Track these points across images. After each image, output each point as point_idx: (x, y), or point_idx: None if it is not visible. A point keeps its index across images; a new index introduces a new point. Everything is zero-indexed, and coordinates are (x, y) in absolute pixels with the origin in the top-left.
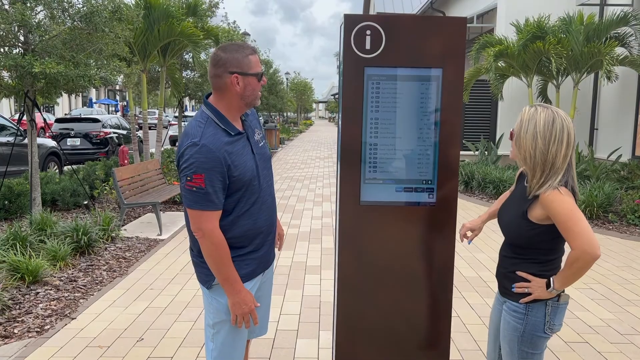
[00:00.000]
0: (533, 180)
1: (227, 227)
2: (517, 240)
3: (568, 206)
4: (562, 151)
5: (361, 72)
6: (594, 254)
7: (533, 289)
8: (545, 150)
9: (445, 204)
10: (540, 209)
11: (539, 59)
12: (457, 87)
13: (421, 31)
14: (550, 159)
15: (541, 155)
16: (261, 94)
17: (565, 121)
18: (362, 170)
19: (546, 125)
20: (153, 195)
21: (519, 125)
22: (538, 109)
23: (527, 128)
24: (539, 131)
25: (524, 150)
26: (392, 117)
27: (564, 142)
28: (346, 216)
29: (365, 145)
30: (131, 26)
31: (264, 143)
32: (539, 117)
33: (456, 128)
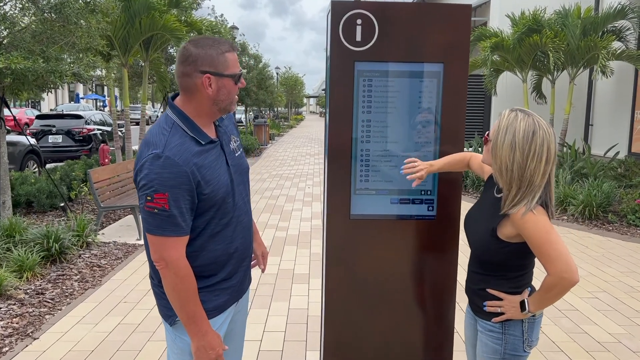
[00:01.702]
0: (508, 196)
1: (195, 254)
2: (486, 257)
3: (543, 228)
4: (540, 168)
5: (351, 67)
6: (572, 279)
7: (506, 309)
8: (524, 165)
9: (447, 218)
10: (511, 227)
11: (534, 53)
12: (460, 84)
13: (419, 21)
14: (528, 175)
15: (518, 170)
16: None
17: (547, 134)
18: (353, 180)
19: (526, 136)
20: (133, 197)
21: (496, 131)
22: (519, 116)
23: (504, 136)
24: (518, 142)
25: (499, 160)
26: (387, 118)
27: (543, 158)
28: (334, 232)
29: (356, 151)
30: (107, 18)
31: (241, 152)
32: (519, 125)
33: (459, 131)
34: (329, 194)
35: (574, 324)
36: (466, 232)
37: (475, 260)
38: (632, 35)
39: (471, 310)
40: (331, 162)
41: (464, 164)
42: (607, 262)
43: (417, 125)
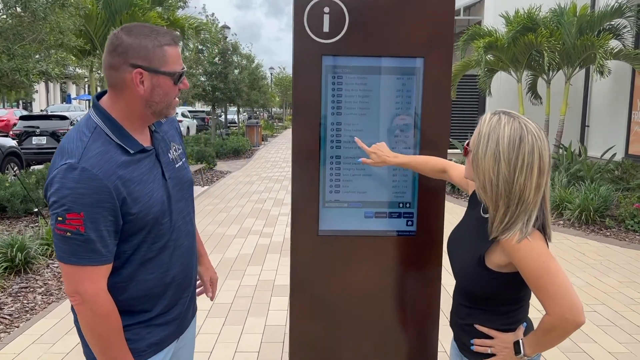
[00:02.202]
0: (495, 217)
1: (122, 285)
2: (473, 289)
3: (541, 257)
4: (532, 180)
5: (318, 62)
6: (577, 320)
7: (497, 349)
8: (511, 179)
9: (429, 234)
10: (502, 255)
11: (529, 53)
12: (443, 82)
13: (396, 10)
14: (517, 190)
15: (505, 185)
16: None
17: (537, 139)
18: (321, 191)
19: (512, 143)
20: None
21: (476, 139)
22: (502, 119)
23: (486, 145)
24: (502, 152)
25: (482, 175)
26: (360, 121)
27: (534, 169)
28: (300, 250)
29: (325, 158)
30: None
31: (183, 162)
32: (503, 131)
33: (442, 135)
34: (294, 207)
35: (572, 342)
36: (450, 257)
37: (460, 291)
38: (629, 34)
39: (457, 346)
40: (296, 170)
41: (435, 169)
42: (606, 270)
43: (395, 130)
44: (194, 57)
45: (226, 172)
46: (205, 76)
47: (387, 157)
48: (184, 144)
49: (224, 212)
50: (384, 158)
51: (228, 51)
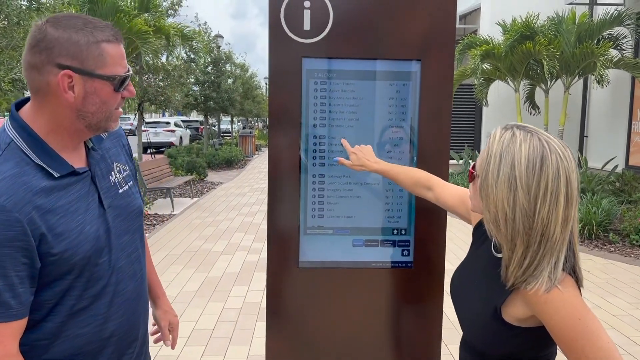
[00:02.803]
0: (512, 259)
1: (44, 344)
2: (486, 347)
3: (577, 312)
4: (558, 212)
5: (297, 65)
6: None
7: None
8: (531, 212)
9: (429, 266)
10: (524, 307)
11: (527, 61)
12: (442, 89)
13: (389, 5)
14: (540, 225)
15: (524, 219)
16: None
17: (563, 159)
18: (302, 216)
19: (531, 166)
20: None
21: (485, 161)
22: (517, 135)
23: (498, 168)
24: (519, 177)
25: (494, 206)
26: (347, 133)
27: (560, 196)
28: (278, 285)
29: (306, 177)
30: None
31: (130, 187)
32: (519, 150)
33: (442, 151)
34: (270, 234)
35: None
36: (455, 306)
37: (470, 349)
38: (628, 43)
39: None
40: (273, 191)
41: (418, 184)
42: (613, 290)
43: (386, 144)
44: (184, 66)
45: (217, 183)
46: (198, 85)
47: (367, 161)
48: (134, 163)
49: (211, 226)
50: (364, 161)
51: (221, 60)
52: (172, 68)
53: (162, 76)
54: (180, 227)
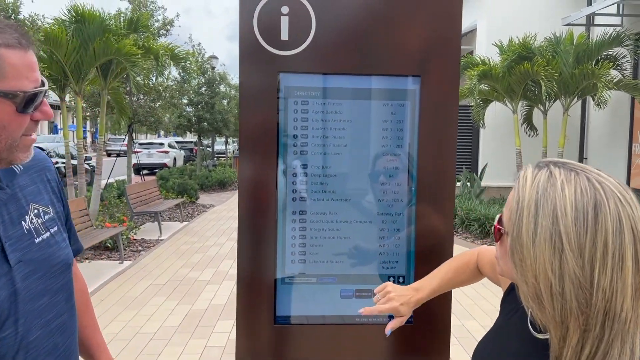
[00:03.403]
0: (566, 348)
1: None
2: None
3: None
4: (626, 280)
5: (273, 81)
6: None
7: None
8: (587, 282)
9: (431, 321)
10: None
11: (525, 82)
12: (446, 109)
13: (382, 11)
14: (602, 301)
15: (578, 293)
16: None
17: (625, 204)
18: (279, 260)
19: (581, 216)
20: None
21: (514, 212)
22: (557, 175)
23: (535, 223)
24: (566, 233)
25: (533, 275)
26: (333, 162)
27: (627, 257)
28: (250, 345)
29: (284, 214)
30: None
31: (54, 234)
32: (562, 196)
33: (447, 184)
34: (240, 283)
35: None
36: None
37: None
38: (628, 63)
39: None
40: (243, 233)
41: (471, 272)
42: None
43: (380, 175)
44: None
45: (209, 205)
46: (191, 106)
47: (411, 299)
48: (64, 202)
49: (200, 252)
50: (409, 300)
51: (215, 81)
52: (163, 89)
53: (153, 97)
54: (167, 254)
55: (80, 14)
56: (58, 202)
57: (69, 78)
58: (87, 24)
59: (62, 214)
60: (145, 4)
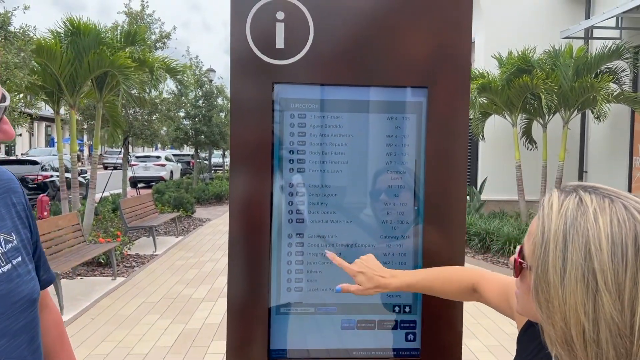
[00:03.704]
0: None
1: None
2: None
3: None
4: None
5: (267, 93)
6: None
7: None
8: (627, 328)
9: (441, 354)
10: None
11: (524, 95)
12: (456, 123)
13: (387, 18)
14: None
15: (616, 341)
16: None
17: None
18: (274, 289)
19: (619, 251)
20: (57, 262)
21: (538, 244)
22: (587, 201)
23: (563, 257)
24: (601, 271)
25: (561, 318)
26: (333, 181)
27: None
28: None
29: (279, 237)
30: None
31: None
32: (595, 226)
33: (458, 206)
34: (230, 313)
35: None
36: None
37: None
38: (627, 77)
39: None
40: (235, 258)
41: (462, 289)
42: None
43: (381, 194)
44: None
45: (205, 219)
46: (188, 119)
47: (381, 279)
48: (32, 227)
49: (195, 268)
50: (377, 280)
51: (213, 94)
52: (159, 101)
53: (149, 110)
54: (162, 270)
55: (75, 27)
56: (24, 229)
57: (63, 91)
58: (83, 37)
59: (28, 241)
60: (143, 17)
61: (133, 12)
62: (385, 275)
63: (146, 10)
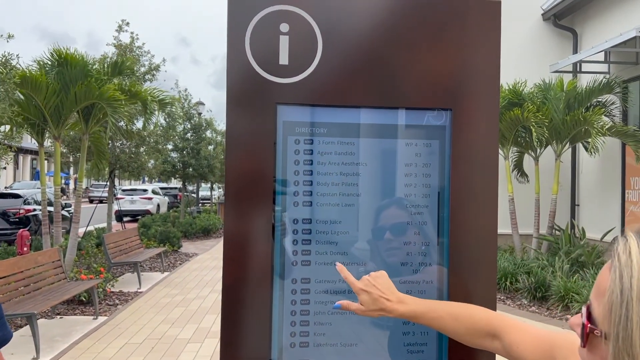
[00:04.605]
0: None
1: None
2: None
3: None
4: None
5: (269, 115)
6: None
7: None
8: None
9: None
10: None
11: (516, 128)
12: (486, 149)
13: (405, 30)
14: None
15: None
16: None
17: None
18: (275, 343)
19: None
20: (35, 301)
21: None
22: None
23: None
24: None
25: None
26: (343, 216)
27: None
28: None
29: (283, 283)
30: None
31: None
32: None
33: (489, 242)
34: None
35: None
36: None
37: None
38: (617, 109)
39: None
40: (229, 307)
41: (478, 331)
42: None
43: (402, 233)
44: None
45: (192, 254)
46: (176, 152)
47: (386, 302)
48: None
49: (181, 306)
50: (382, 303)
51: (201, 127)
52: (147, 134)
53: (136, 142)
54: (146, 308)
55: (63, 57)
56: None
57: (48, 122)
58: (70, 68)
59: None
60: (132, 49)
61: (122, 45)
62: (391, 299)
63: (135, 43)
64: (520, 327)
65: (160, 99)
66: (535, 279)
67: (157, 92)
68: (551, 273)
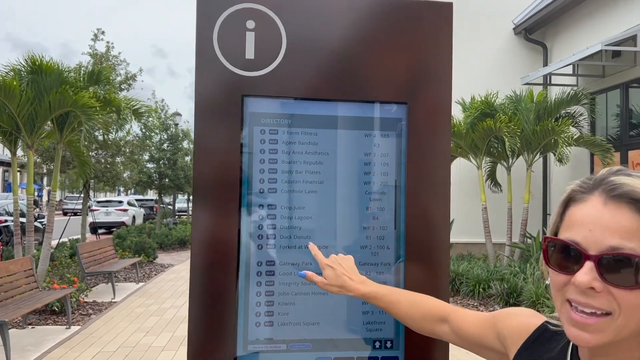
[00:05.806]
0: None
1: None
2: None
3: None
4: None
5: (236, 106)
6: None
7: None
8: None
9: None
10: None
11: (488, 139)
12: (439, 140)
13: (365, 28)
14: None
15: None
16: None
17: None
18: (241, 324)
19: None
20: (6, 310)
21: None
22: None
23: None
24: None
25: None
26: (307, 203)
27: None
28: None
29: (247, 265)
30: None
31: None
32: None
33: (441, 227)
34: (190, 352)
35: None
36: None
37: None
38: (585, 120)
39: None
40: (196, 289)
41: (428, 317)
42: None
43: (361, 219)
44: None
45: (168, 265)
46: (153, 162)
47: (349, 280)
48: None
49: (155, 315)
50: (344, 280)
51: (178, 137)
52: (124, 143)
53: (112, 152)
54: (120, 317)
55: (37, 65)
56: None
57: (21, 131)
58: (45, 75)
59: None
60: (108, 58)
61: (98, 54)
62: (354, 279)
63: (111, 52)
64: (467, 311)
65: (136, 109)
66: (507, 285)
67: (134, 102)
68: (523, 279)
